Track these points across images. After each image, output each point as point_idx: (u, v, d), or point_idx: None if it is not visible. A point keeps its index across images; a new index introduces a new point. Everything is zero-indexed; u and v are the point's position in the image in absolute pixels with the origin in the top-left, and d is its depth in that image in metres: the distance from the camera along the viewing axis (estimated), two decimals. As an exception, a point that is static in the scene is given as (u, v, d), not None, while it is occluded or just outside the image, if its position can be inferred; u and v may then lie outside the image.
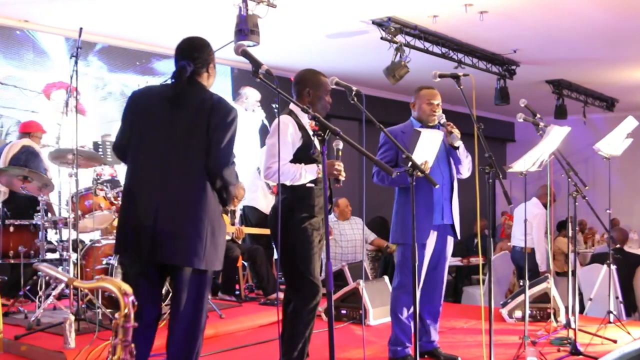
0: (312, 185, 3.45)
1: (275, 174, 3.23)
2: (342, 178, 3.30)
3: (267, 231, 5.99)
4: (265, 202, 6.76)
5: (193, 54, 2.92)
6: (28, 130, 5.90)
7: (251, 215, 6.75)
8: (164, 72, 8.01)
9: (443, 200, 3.95)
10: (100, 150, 7.23)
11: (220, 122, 2.84)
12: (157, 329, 4.44)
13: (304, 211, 3.45)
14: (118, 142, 3.00)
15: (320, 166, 3.40)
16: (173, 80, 2.90)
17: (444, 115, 3.93)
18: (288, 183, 3.38)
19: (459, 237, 4.06)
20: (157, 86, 3.12)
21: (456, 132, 3.87)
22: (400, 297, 3.97)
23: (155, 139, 2.87)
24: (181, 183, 2.83)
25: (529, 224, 6.84)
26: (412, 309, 3.80)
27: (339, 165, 3.29)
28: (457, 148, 3.92)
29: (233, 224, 6.29)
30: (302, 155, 3.43)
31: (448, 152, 3.99)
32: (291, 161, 3.40)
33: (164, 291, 4.91)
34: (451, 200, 3.98)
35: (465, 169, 4.05)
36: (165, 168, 2.84)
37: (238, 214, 6.63)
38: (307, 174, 3.39)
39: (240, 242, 6.26)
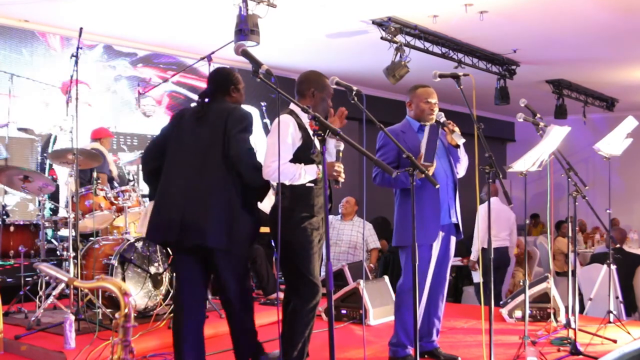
0: (312, 185, 3.45)
1: (275, 172, 3.23)
2: (341, 179, 3.30)
3: (266, 229, 5.98)
4: (268, 203, 6.70)
5: (217, 79, 3.59)
6: (98, 136, 6.44)
7: None
8: (164, 71, 8.03)
9: (448, 199, 3.94)
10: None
11: (236, 122, 3.35)
12: (160, 329, 4.46)
13: (304, 211, 3.44)
14: (149, 144, 3.76)
15: (320, 167, 3.40)
16: (199, 99, 3.56)
17: (442, 114, 3.92)
18: (287, 182, 3.38)
19: (462, 236, 4.06)
20: (190, 107, 3.75)
21: (457, 131, 3.87)
22: (404, 298, 3.96)
23: (183, 148, 3.45)
24: (202, 180, 3.34)
25: (511, 223, 7.05)
26: (415, 310, 3.80)
27: (339, 167, 3.29)
28: (459, 147, 3.92)
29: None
30: (302, 155, 3.43)
31: (448, 150, 3.98)
32: (291, 161, 3.41)
33: (163, 291, 4.94)
34: (455, 199, 3.98)
35: (463, 167, 4.05)
36: (189, 171, 3.38)
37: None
38: (306, 174, 3.39)
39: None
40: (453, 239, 4.06)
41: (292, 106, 3.51)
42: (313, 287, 3.47)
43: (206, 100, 3.52)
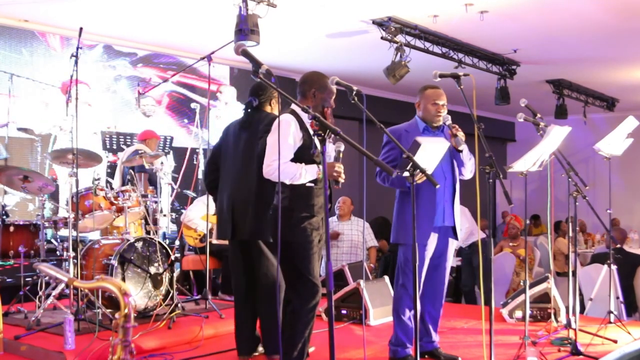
0: (312, 185, 3.45)
1: (275, 171, 3.23)
2: (341, 180, 3.30)
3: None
4: (196, 212, 6.57)
5: (258, 92, 4.00)
6: (144, 137, 6.81)
7: None
8: (164, 71, 8.02)
9: (444, 202, 3.92)
10: (107, 138, 7.41)
11: (266, 125, 3.72)
12: (160, 329, 4.45)
13: (304, 211, 3.44)
14: (207, 160, 4.36)
15: (321, 167, 3.40)
16: (244, 110, 4.06)
17: (449, 117, 3.90)
18: (287, 182, 3.38)
19: (459, 239, 4.04)
20: (235, 120, 4.17)
21: (461, 135, 3.83)
22: (402, 297, 3.96)
23: (231, 154, 4.01)
24: (244, 183, 3.88)
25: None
26: (413, 310, 3.80)
27: (339, 167, 3.27)
28: (461, 151, 3.89)
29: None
30: (302, 155, 3.43)
31: (452, 153, 3.96)
32: (292, 161, 3.40)
33: (163, 291, 4.94)
34: (453, 202, 3.96)
35: (468, 170, 4.00)
36: (235, 174, 3.96)
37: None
38: (307, 173, 3.38)
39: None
40: (452, 242, 4.04)
41: (294, 106, 3.51)
42: (312, 287, 3.46)
43: (249, 110, 3.99)
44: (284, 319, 3.55)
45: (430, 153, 3.45)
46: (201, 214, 6.05)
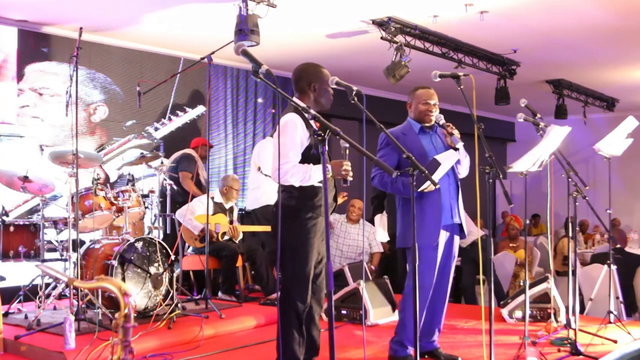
0: (321, 184, 3.39)
1: (285, 174, 3.20)
2: (350, 178, 3.27)
3: (267, 228, 5.94)
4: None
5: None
6: (195, 145, 7.02)
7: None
8: (164, 70, 8.01)
9: (451, 200, 3.92)
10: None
11: None
12: (160, 329, 4.44)
13: (310, 211, 3.40)
14: None
15: (329, 166, 3.34)
16: None
17: (442, 116, 3.91)
18: (297, 184, 3.34)
19: (465, 236, 4.03)
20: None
21: (456, 133, 3.85)
22: (408, 299, 3.94)
23: None
24: None
25: None
26: (415, 310, 3.80)
27: (347, 165, 3.24)
28: (458, 149, 3.89)
29: (231, 222, 6.26)
30: (310, 155, 3.38)
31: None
32: (300, 161, 3.35)
33: (163, 291, 4.94)
34: (458, 199, 3.97)
35: (464, 168, 4.02)
36: None
37: (236, 211, 6.58)
38: (316, 174, 3.33)
39: (238, 241, 6.24)
40: (457, 239, 4.04)
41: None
42: (306, 288, 3.44)
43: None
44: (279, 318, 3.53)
45: (445, 167, 3.54)
46: (197, 213, 6.04)
